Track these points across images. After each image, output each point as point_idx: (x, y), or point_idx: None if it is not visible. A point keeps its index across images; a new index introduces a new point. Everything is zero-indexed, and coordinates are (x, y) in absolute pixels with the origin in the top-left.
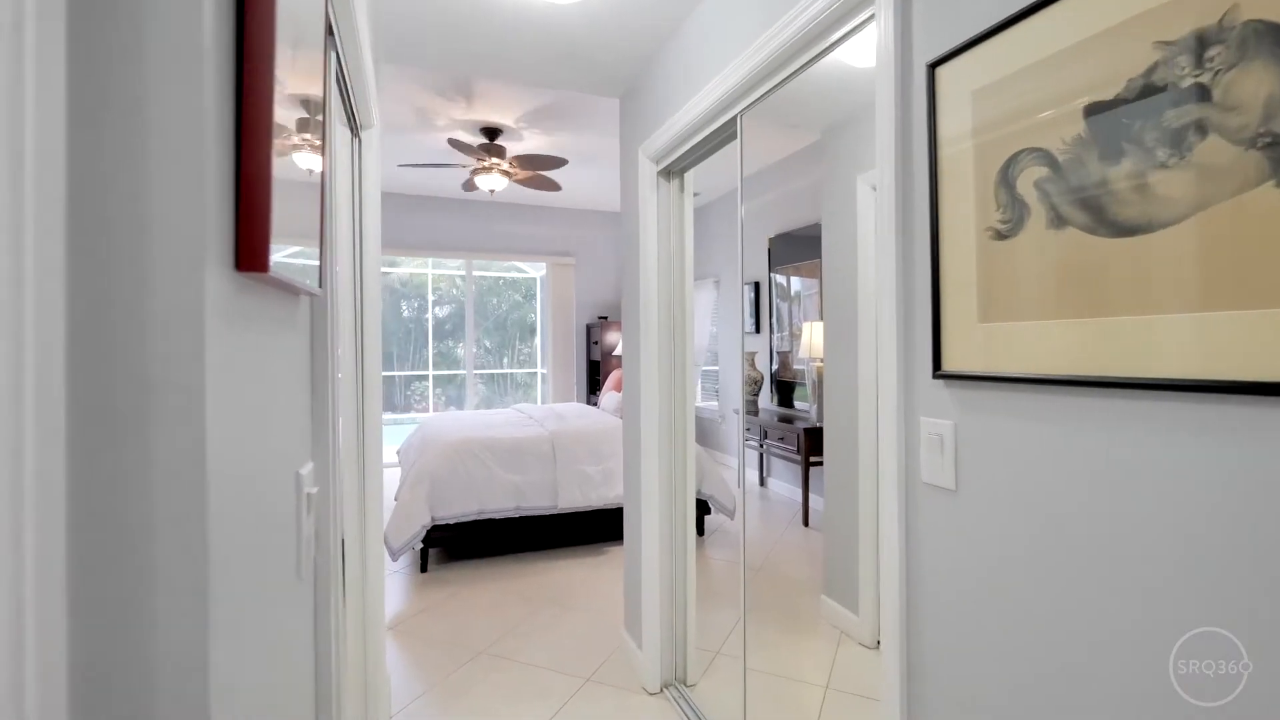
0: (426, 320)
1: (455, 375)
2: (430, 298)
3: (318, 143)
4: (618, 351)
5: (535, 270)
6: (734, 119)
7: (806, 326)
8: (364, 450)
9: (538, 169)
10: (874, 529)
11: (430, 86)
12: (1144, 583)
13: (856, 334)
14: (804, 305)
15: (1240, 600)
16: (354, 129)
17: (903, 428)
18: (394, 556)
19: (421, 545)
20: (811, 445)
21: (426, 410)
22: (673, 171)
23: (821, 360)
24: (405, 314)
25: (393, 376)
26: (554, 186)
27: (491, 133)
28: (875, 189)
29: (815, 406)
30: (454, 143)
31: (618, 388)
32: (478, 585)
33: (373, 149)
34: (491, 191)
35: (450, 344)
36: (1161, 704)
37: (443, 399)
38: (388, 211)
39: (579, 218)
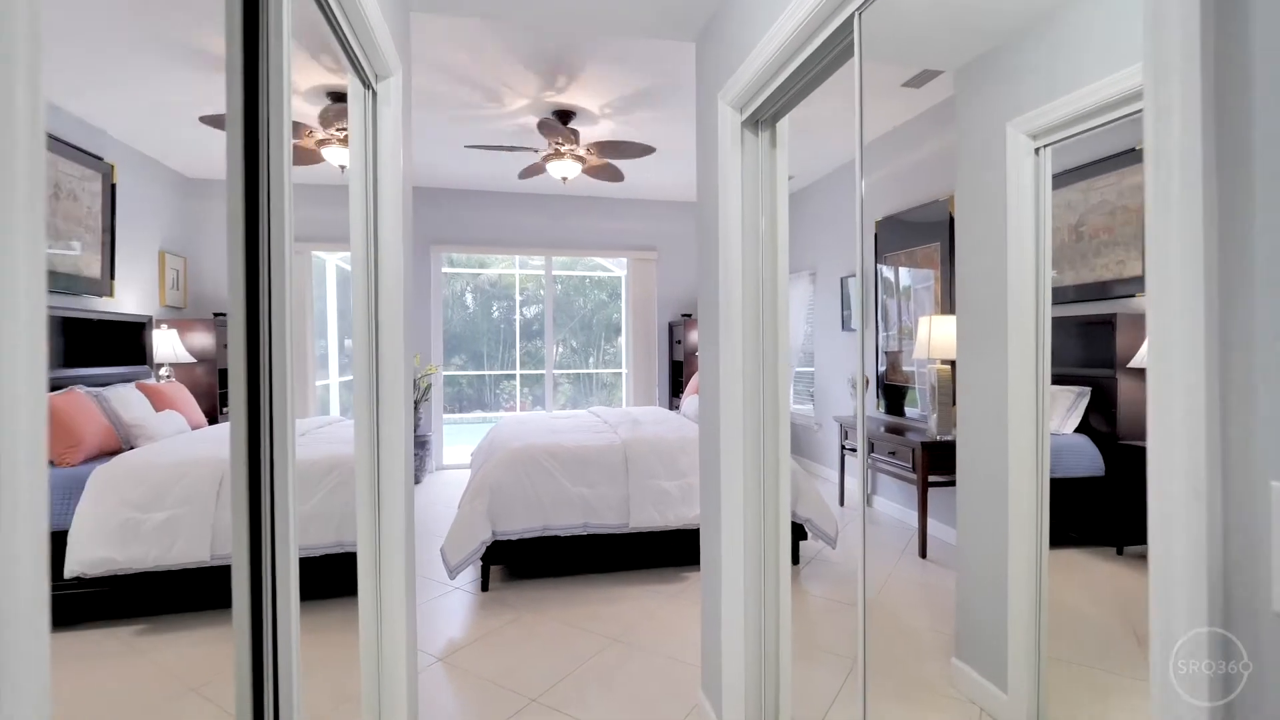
0: (514, 320)
1: (541, 375)
2: (518, 298)
3: None
4: None
5: (620, 269)
6: (848, 23)
7: (924, 322)
8: (378, 460)
9: (622, 156)
10: (1033, 581)
11: (503, 61)
12: None
13: (1005, 329)
14: (917, 298)
15: None
16: (364, 79)
17: (1215, 499)
18: (451, 574)
19: (482, 562)
20: (930, 462)
21: (514, 409)
22: (761, 120)
23: (944, 362)
24: (495, 314)
25: (482, 376)
26: (618, 176)
27: (564, 116)
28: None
29: (935, 416)
30: (542, 125)
31: None
32: (540, 611)
33: (391, 104)
34: (564, 179)
35: (538, 344)
36: None
37: (529, 398)
38: (462, 208)
39: (661, 210)
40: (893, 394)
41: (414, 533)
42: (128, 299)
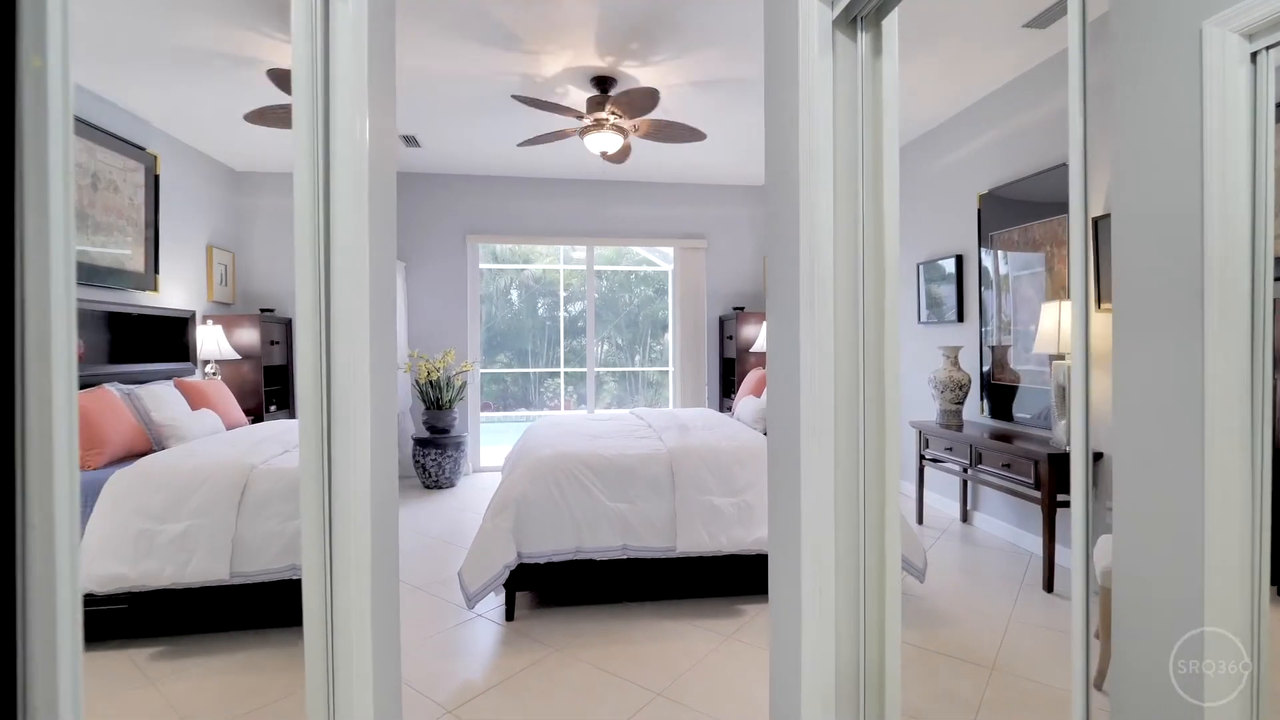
0: (559, 317)
1: (585, 373)
2: (562, 294)
3: None
4: (757, 347)
5: (666, 262)
6: None
7: (1049, 309)
8: (328, 472)
9: (670, 140)
10: (1245, 646)
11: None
12: None
13: (1200, 309)
14: (1034, 283)
15: None
16: None
17: None
18: (469, 602)
19: (506, 588)
20: (1058, 479)
21: (558, 408)
22: (862, 17)
23: (1068, 357)
24: (540, 311)
25: (526, 374)
26: (698, 135)
27: (603, 82)
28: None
29: (1064, 423)
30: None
31: (757, 392)
32: (569, 650)
33: (350, 21)
34: (602, 154)
35: (582, 341)
36: None
37: (574, 397)
38: (499, 196)
39: (711, 194)
40: (999, 395)
41: (393, 560)
42: (173, 294)
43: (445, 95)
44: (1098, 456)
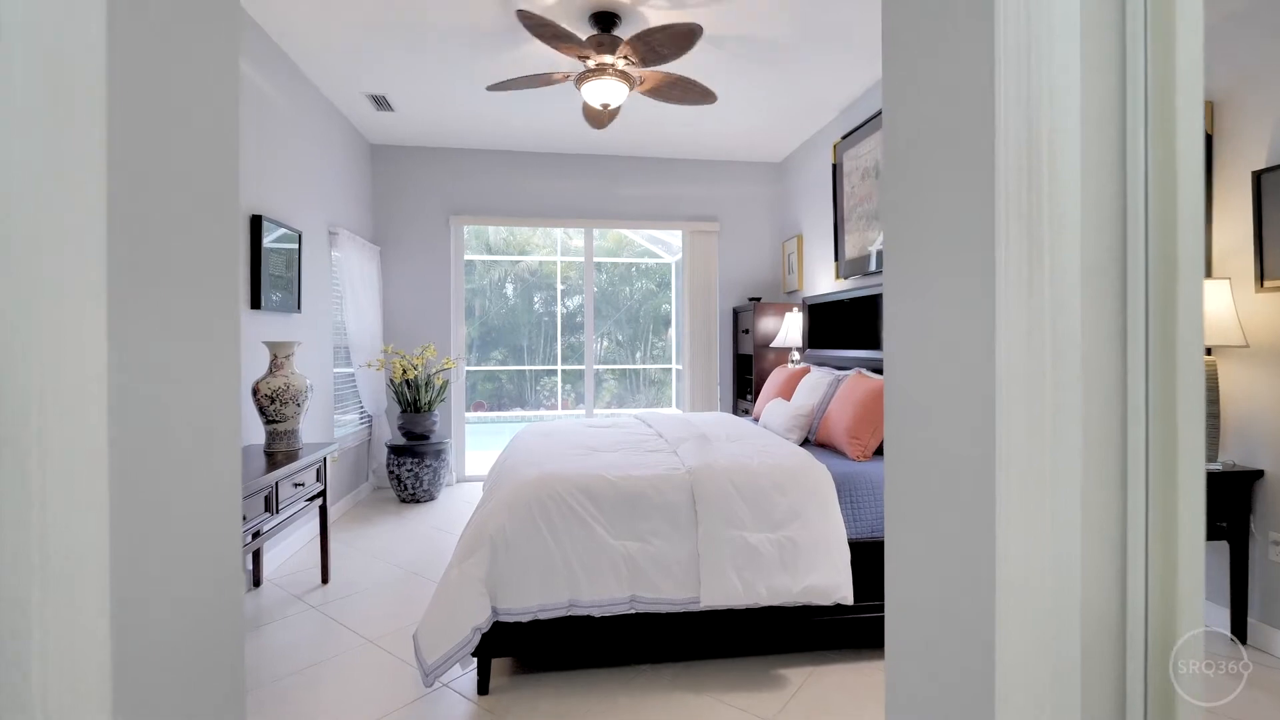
0: (556, 312)
1: (583, 370)
2: (559, 287)
3: None
4: (778, 343)
5: (671, 254)
6: None
7: None
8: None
9: (676, 100)
10: None
11: None
12: None
13: None
14: None
15: None
16: None
17: None
18: (426, 678)
19: (477, 656)
20: (1235, 503)
21: (555, 408)
22: None
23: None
24: (537, 306)
25: (521, 372)
26: (709, 97)
27: (606, 20)
28: None
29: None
30: (525, 16)
31: (786, 394)
32: None
33: None
34: (604, 107)
35: (581, 337)
36: None
37: (572, 395)
38: (486, 172)
39: (725, 171)
40: None
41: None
42: None
43: (417, 40)
44: (1257, 475)
